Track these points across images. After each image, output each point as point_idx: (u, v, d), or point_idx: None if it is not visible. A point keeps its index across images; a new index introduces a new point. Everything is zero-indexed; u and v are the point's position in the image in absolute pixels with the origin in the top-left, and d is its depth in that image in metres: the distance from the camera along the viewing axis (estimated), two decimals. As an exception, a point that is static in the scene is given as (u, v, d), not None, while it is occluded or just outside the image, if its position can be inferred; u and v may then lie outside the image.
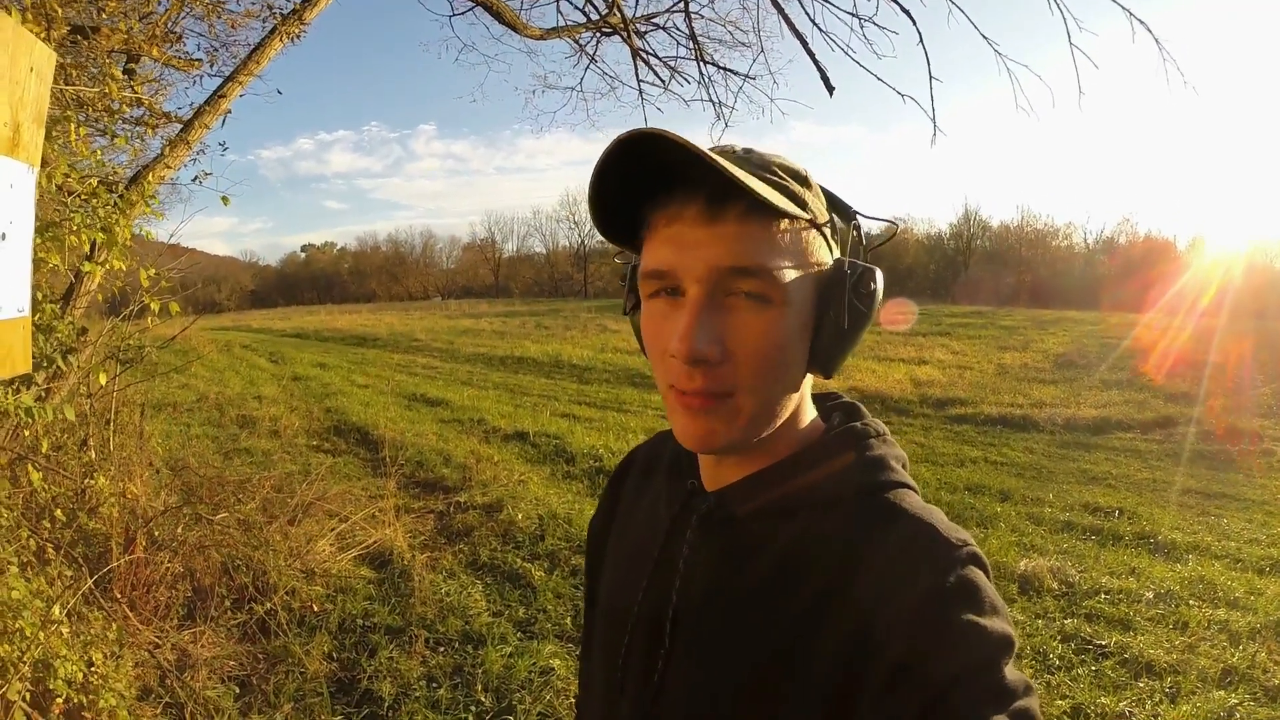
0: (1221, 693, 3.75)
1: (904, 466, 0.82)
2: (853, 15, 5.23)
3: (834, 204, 0.82)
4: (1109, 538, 6.16)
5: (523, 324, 27.75)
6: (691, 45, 6.23)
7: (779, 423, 0.79)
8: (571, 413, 10.81)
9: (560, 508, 5.97)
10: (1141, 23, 4.04)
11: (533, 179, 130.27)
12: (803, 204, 0.74)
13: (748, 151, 0.77)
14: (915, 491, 0.80)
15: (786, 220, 0.73)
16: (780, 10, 5.47)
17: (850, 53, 5.35)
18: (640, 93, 6.63)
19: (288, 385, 13.29)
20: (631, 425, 9.81)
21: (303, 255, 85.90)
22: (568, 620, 4.24)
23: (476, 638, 3.99)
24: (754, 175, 0.71)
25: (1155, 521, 6.59)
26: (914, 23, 4.82)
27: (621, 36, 5.95)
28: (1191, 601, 4.79)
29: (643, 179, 0.73)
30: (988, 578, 0.71)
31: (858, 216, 0.84)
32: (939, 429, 10.47)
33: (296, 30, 3.95)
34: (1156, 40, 4.15)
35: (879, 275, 0.78)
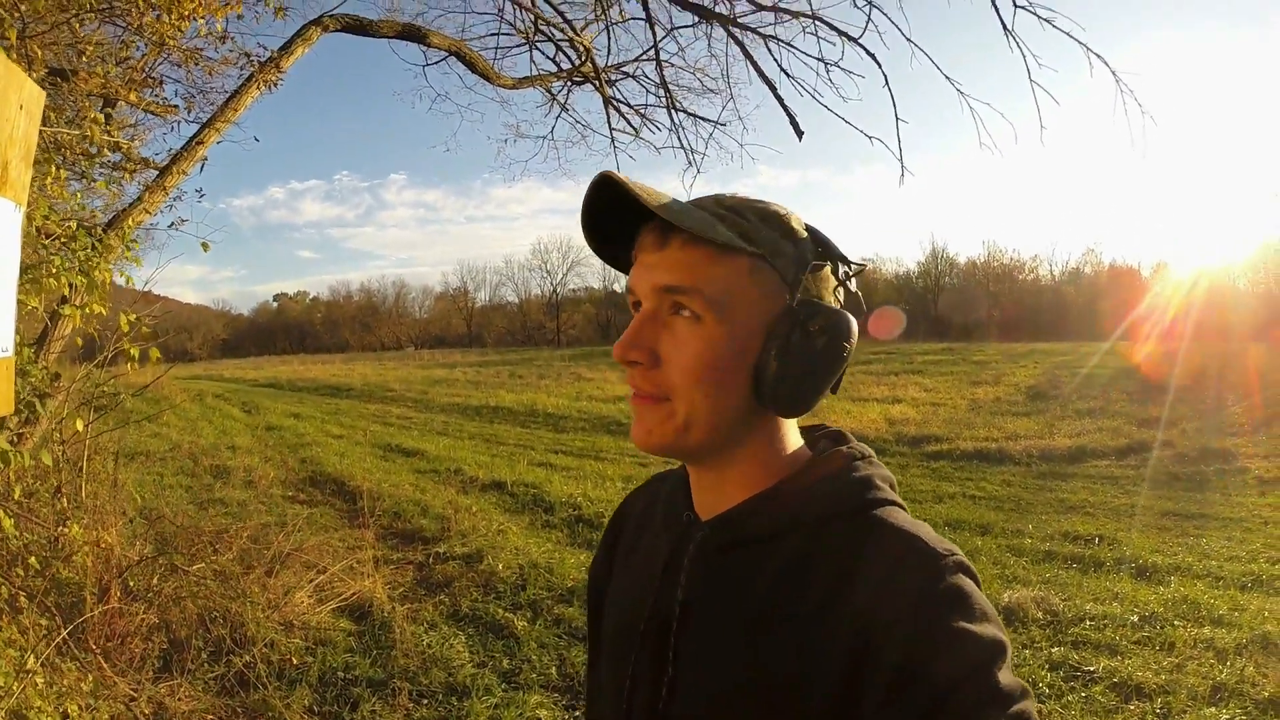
0: (1212, 709, 3.77)
1: (892, 486, 0.86)
2: (819, 60, 5.33)
3: (823, 248, 0.86)
4: (1090, 565, 6.19)
5: (497, 373, 27.75)
6: (662, 93, 6.32)
7: (723, 439, 0.84)
8: (548, 461, 10.74)
9: (540, 557, 5.89)
10: (1099, 56, 4.15)
11: (504, 227, 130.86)
12: (754, 241, 0.80)
13: (729, 197, 0.85)
14: (903, 509, 0.84)
15: (734, 255, 0.79)
16: (749, 57, 5.58)
17: (817, 97, 5.45)
18: (612, 140, 6.72)
19: (261, 435, 13.14)
20: (609, 473, 9.75)
21: (275, 304, 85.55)
22: (553, 670, 4.17)
23: (461, 689, 3.90)
24: (709, 214, 0.81)
25: (1135, 546, 6.63)
26: (879, 65, 4.93)
27: (594, 85, 6.02)
28: (1176, 622, 4.81)
29: (632, 215, 0.82)
30: (977, 586, 0.74)
31: (842, 263, 0.88)
32: (916, 466, 10.49)
33: (273, 78, 3.97)
34: (1114, 73, 4.27)
35: (843, 320, 0.82)
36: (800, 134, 5.64)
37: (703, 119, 6.70)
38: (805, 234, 0.85)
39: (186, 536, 4.66)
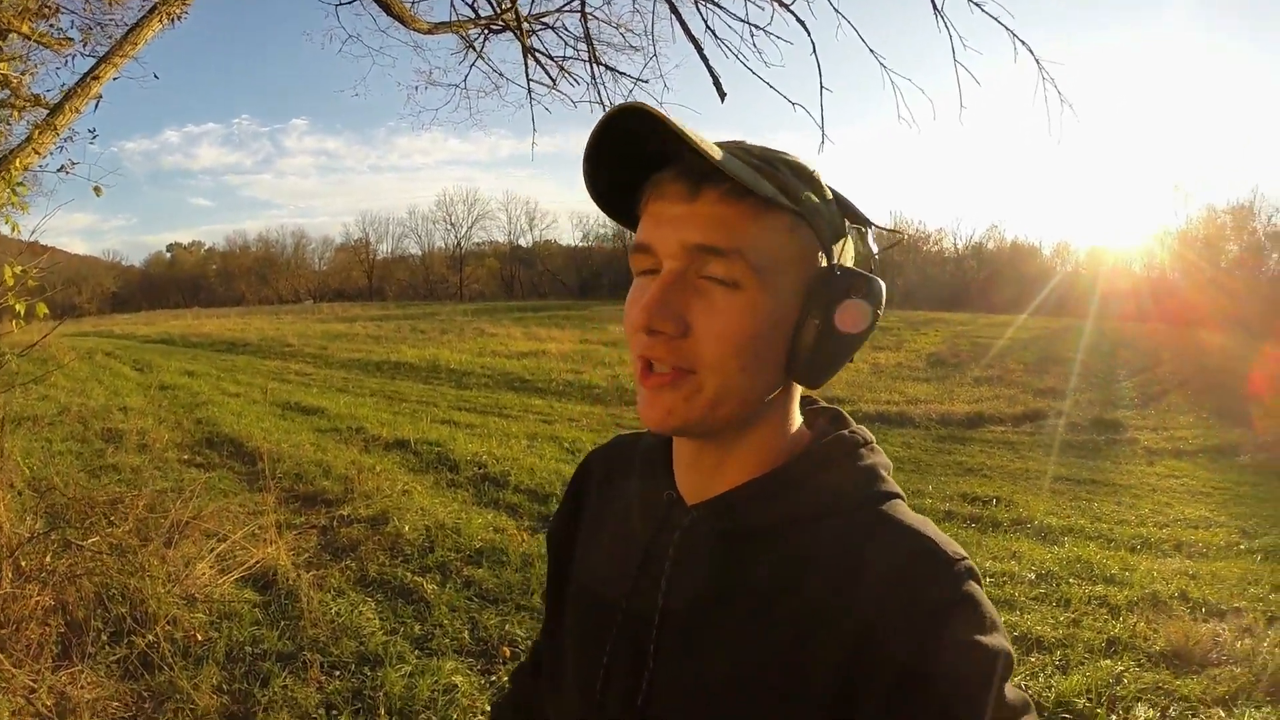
0: (1108, 661, 3.98)
1: (889, 474, 0.82)
2: (745, 23, 5.28)
3: (846, 210, 0.80)
4: (988, 525, 6.48)
5: (398, 328, 27.06)
6: (584, 46, 6.17)
7: (746, 416, 0.77)
8: (452, 419, 10.58)
9: (447, 518, 5.78)
10: (1024, 43, 4.21)
11: (408, 178, 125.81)
12: (795, 198, 0.73)
13: (754, 146, 0.76)
14: (905, 500, 0.80)
15: (776, 213, 0.72)
16: (677, 15, 5.47)
17: (743, 60, 5.40)
18: (529, 91, 6.53)
19: (155, 395, 12.52)
20: (514, 430, 9.66)
21: (169, 255, 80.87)
22: (465, 634, 4.08)
23: (373, 659, 3.78)
24: (745, 163, 0.71)
25: (1031, 508, 6.96)
26: (808, 33, 4.90)
27: (514, 33, 5.83)
28: (1071, 580, 5.07)
29: (640, 155, 0.74)
30: (982, 590, 0.72)
31: (870, 226, 0.83)
32: None
33: (178, 10, 3.69)
34: (1037, 61, 4.34)
35: (879, 287, 0.77)
36: (723, 95, 5.59)
37: (624, 74, 6.57)
38: (831, 193, 0.79)
39: (79, 508, 4.37)
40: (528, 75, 6.42)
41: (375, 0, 4.89)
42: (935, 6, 4.20)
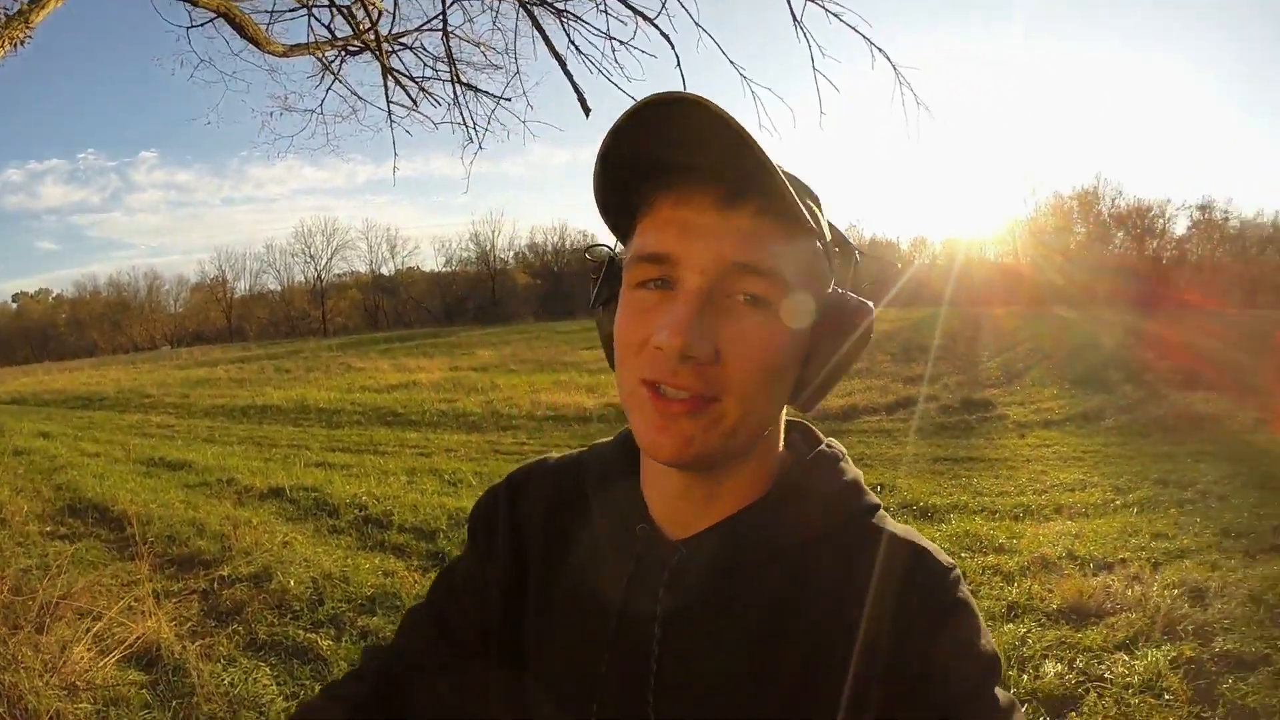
0: (1010, 625, 4.23)
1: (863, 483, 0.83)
2: (607, 38, 5.30)
3: (837, 235, 0.80)
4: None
5: (262, 369, 26.12)
6: (447, 65, 6.07)
7: (752, 446, 0.74)
8: (326, 461, 10.20)
9: (333, 567, 5.55)
10: (881, 50, 4.36)
11: (264, 210, 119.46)
12: (816, 220, 0.73)
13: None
14: (885, 510, 0.82)
15: (803, 234, 0.71)
16: (540, 30, 5.44)
17: (606, 74, 5.42)
18: (389, 114, 6.39)
19: (8, 462, 11.63)
20: (391, 467, 9.42)
21: (14, 305, 75.71)
22: (370, 688, 3.95)
23: (278, 728, 3.61)
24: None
25: (915, 490, 7.26)
26: (672, 46, 4.95)
27: (374, 53, 5.67)
28: (963, 554, 5.35)
29: (653, 154, 0.68)
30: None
31: (859, 253, 0.83)
32: None
33: (20, 35, 3.45)
34: (894, 67, 4.51)
35: (871, 314, 0.76)
36: (587, 111, 5.61)
37: (486, 94, 6.50)
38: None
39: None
40: (388, 97, 6.30)
41: (229, 22, 4.69)
42: (795, 17, 4.33)
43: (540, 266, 64.06)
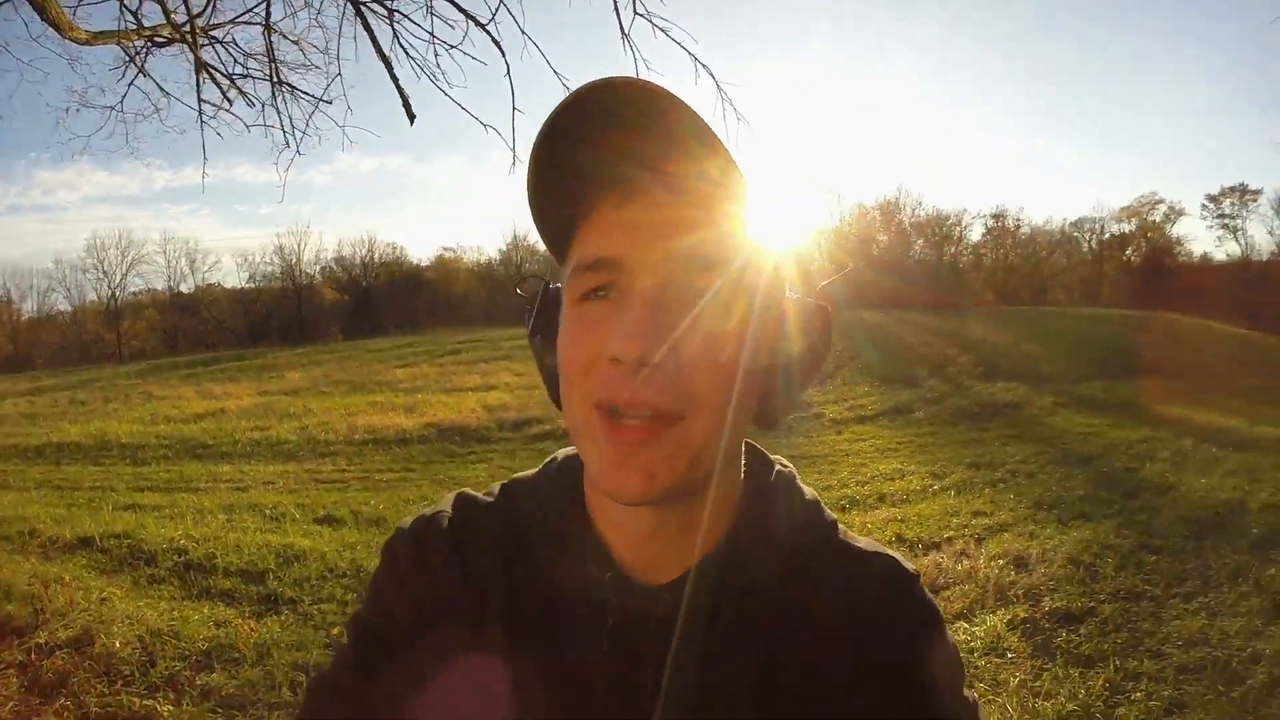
0: None
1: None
2: (433, 41, 5.09)
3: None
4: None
5: (55, 401, 23.18)
6: (264, 62, 5.62)
7: (722, 468, 0.65)
8: (135, 502, 9.22)
9: (160, 622, 4.93)
10: (705, 66, 4.41)
11: (53, 220, 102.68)
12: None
13: None
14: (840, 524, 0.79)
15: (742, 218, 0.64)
16: (368, 29, 5.13)
17: (433, 78, 5.22)
18: (200, 113, 5.84)
19: None
20: (207, 505, 8.67)
21: None
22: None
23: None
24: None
25: None
26: (503, 53, 4.82)
27: (187, 45, 5.14)
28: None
29: (590, 149, 0.60)
30: None
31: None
32: (523, 451, 10.82)
33: None
34: (718, 84, 4.58)
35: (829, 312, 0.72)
36: (412, 117, 5.37)
37: (305, 95, 6.06)
38: None
39: None
40: (199, 94, 5.74)
41: (29, 2, 4.11)
42: (622, 30, 4.31)
43: (348, 281, 61.18)
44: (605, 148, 0.60)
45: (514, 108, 5.07)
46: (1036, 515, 6.19)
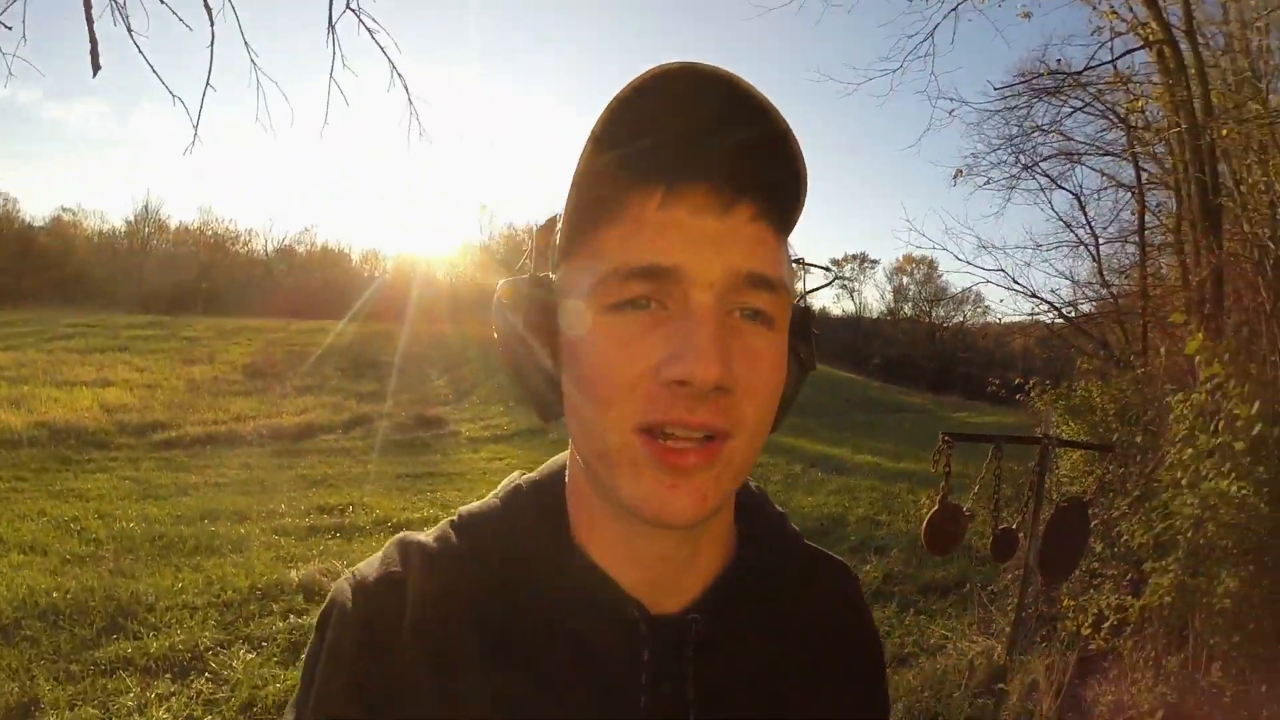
0: None
1: None
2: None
3: None
4: (353, 531, 6.75)
5: None
6: None
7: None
8: None
9: None
10: (401, 76, 4.41)
11: None
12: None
13: None
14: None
15: (785, 241, 0.61)
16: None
17: (129, 28, 4.68)
18: None
19: None
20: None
21: None
22: None
23: None
24: None
25: (385, 507, 7.48)
26: (211, 21, 4.42)
27: None
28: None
29: (656, 139, 0.55)
30: None
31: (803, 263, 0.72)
32: (149, 459, 9.65)
33: None
34: (409, 97, 4.57)
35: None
36: (98, 68, 4.78)
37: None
38: None
39: None
40: None
41: None
42: (330, 20, 4.18)
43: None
44: (661, 135, 0.55)
45: (208, 84, 4.62)
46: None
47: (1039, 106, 8.55)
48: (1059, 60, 8.04)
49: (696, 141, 0.54)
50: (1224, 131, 6.10)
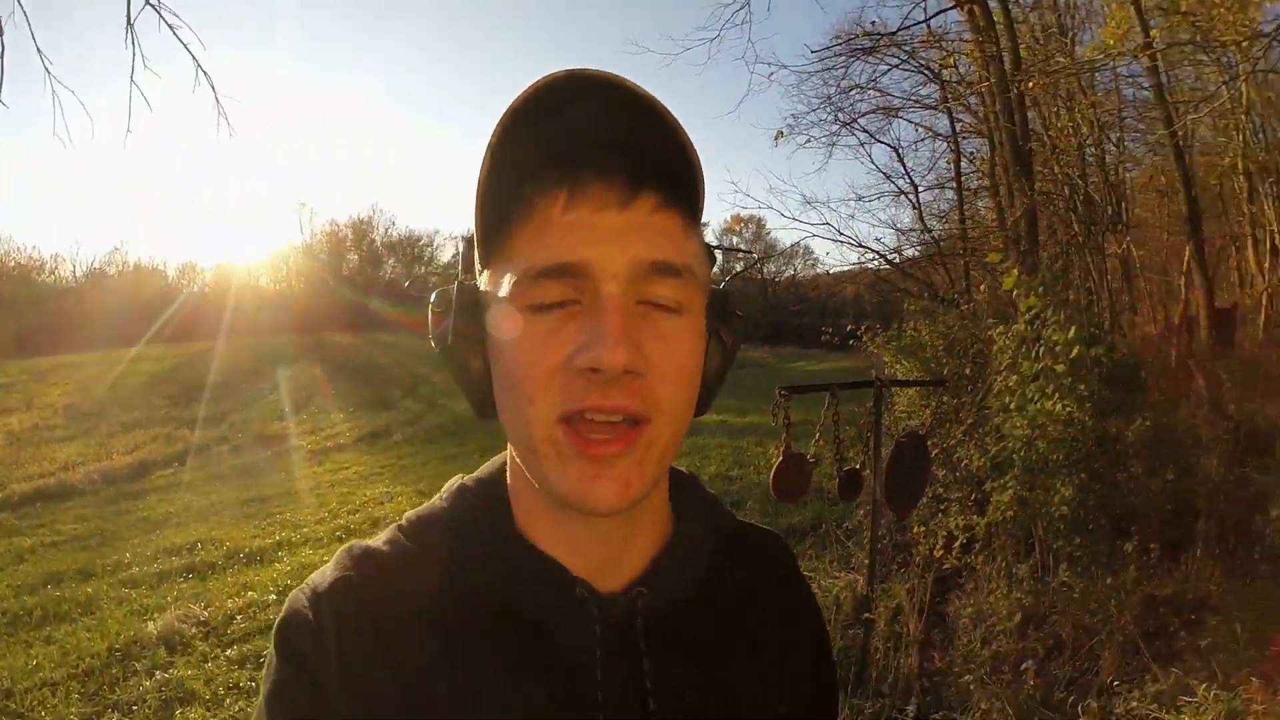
0: None
1: None
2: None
3: None
4: (208, 569, 6.40)
5: None
6: None
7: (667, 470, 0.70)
8: None
9: None
10: (206, 74, 4.10)
11: None
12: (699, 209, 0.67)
13: None
14: None
15: (695, 225, 0.64)
16: None
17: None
18: None
19: None
20: None
21: None
22: None
23: None
24: None
25: (237, 538, 7.17)
26: (25, 12, 3.93)
27: None
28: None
29: (553, 145, 0.59)
30: None
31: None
32: None
33: None
34: (216, 96, 4.27)
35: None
36: None
37: None
38: None
39: None
40: None
41: None
42: (129, 19, 3.79)
43: None
44: (558, 142, 0.59)
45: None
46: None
47: (856, 66, 8.98)
48: (874, 21, 8.43)
49: (591, 144, 0.58)
50: (1030, 85, 6.53)
